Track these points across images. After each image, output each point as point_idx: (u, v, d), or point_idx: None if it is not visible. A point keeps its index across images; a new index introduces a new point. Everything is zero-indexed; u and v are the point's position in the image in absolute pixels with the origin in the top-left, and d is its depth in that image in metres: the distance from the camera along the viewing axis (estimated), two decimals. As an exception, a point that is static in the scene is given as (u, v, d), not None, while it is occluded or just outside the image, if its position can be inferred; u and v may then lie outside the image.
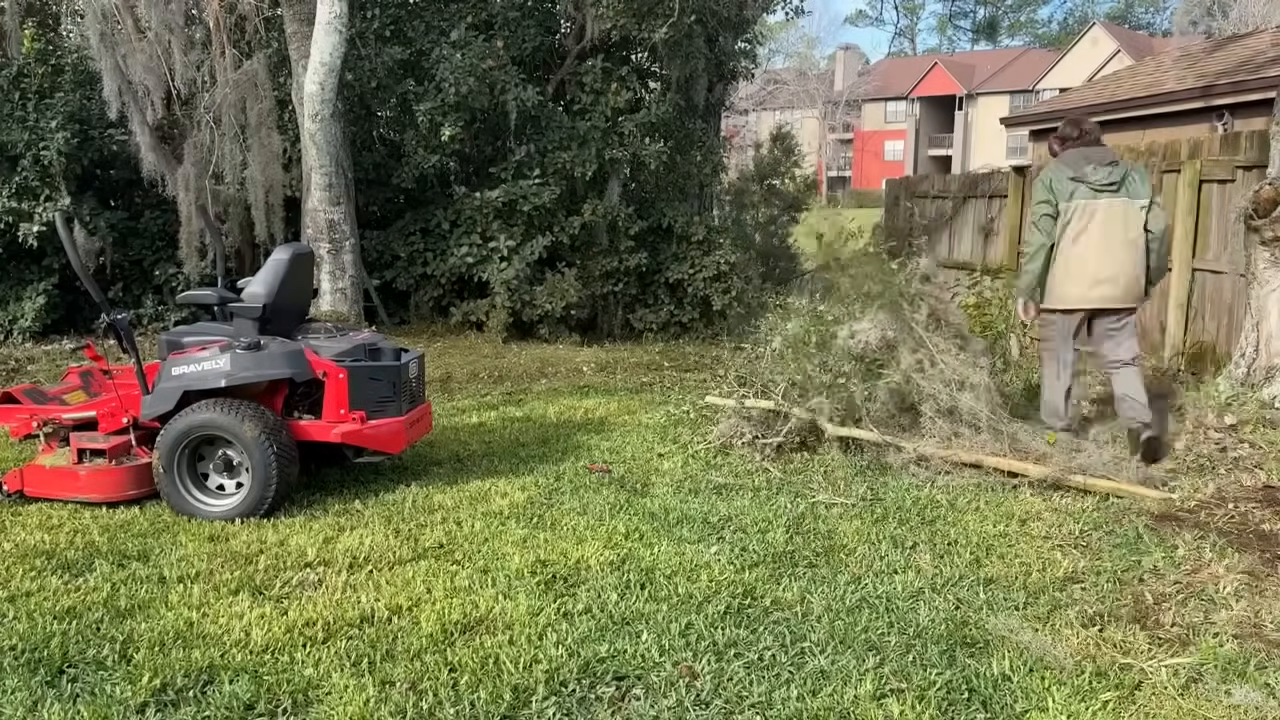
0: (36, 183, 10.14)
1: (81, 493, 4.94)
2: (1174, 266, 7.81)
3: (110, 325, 4.95)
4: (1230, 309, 7.30)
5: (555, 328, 11.22)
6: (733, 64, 13.25)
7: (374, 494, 5.23)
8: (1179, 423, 6.01)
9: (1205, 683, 3.24)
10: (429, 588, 3.94)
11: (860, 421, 5.98)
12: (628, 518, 4.83)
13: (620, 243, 11.50)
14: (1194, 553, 4.33)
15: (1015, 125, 17.93)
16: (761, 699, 3.12)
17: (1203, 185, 7.59)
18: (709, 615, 3.70)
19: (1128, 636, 3.56)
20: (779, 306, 7.08)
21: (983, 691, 3.17)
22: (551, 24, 12.23)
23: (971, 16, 77.90)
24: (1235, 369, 6.52)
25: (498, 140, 11.72)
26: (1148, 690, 3.20)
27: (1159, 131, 11.75)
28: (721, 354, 10.33)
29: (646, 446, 6.29)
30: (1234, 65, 12.40)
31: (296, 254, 5.37)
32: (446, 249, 11.28)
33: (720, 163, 13.49)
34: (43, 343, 10.25)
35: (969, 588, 3.99)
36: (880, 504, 5.10)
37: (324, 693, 3.14)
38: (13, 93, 10.26)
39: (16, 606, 3.74)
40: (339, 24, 9.56)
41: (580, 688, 3.19)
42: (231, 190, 10.60)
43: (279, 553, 4.31)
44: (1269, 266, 6.36)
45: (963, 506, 5.03)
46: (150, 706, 3.05)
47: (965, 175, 11.54)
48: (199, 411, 4.80)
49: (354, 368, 5.04)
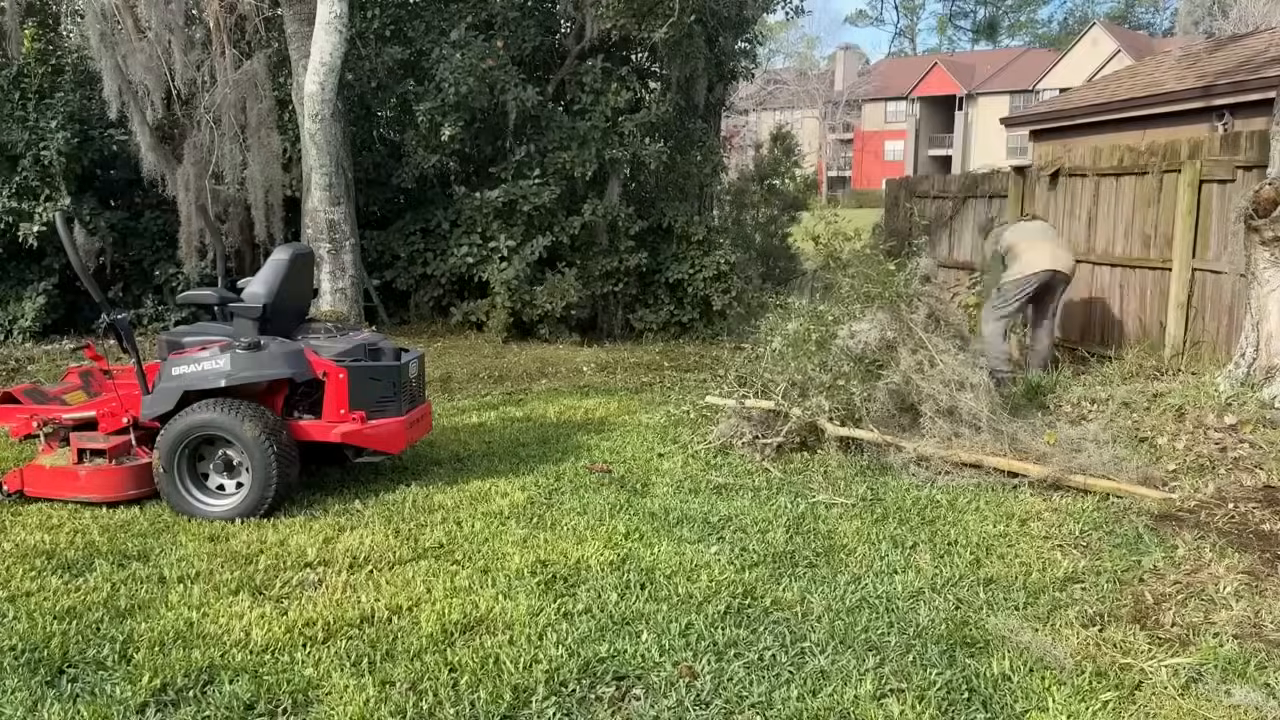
0: (36, 183, 10.14)
1: (81, 493, 4.94)
2: (1174, 266, 7.82)
3: (110, 325, 4.94)
4: (1230, 309, 7.30)
5: (555, 328, 11.22)
6: (733, 64, 13.25)
7: (374, 494, 5.23)
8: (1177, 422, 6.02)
9: (1205, 683, 3.24)
10: (429, 588, 3.94)
11: (860, 421, 5.98)
12: (628, 518, 4.83)
13: (620, 243, 11.50)
14: (1194, 553, 4.33)
15: (1015, 125, 17.90)
16: (761, 699, 3.12)
17: (1203, 185, 7.58)
18: (709, 615, 3.70)
19: (1128, 636, 3.56)
20: (779, 306, 7.08)
21: (983, 691, 3.17)
22: (551, 24, 12.23)
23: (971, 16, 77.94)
24: (1235, 369, 6.52)
25: (498, 140, 11.72)
26: (1148, 690, 3.20)
27: (1159, 131, 11.75)
28: (721, 354, 10.35)
29: (646, 446, 6.29)
30: (1234, 65, 12.39)
31: (296, 254, 5.37)
32: (446, 249, 11.28)
33: (720, 163, 13.49)
34: (43, 343, 10.25)
35: (969, 588, 3.99)
36: (880, 504, 5.10)
37: (324, 693, 3.14)
38: (13, 93, 10.26)
39: (16, 606, 3.74)
40: (339, 24, 9.55)
41: (580, 688, 3.19)
42: (231, 190, 10.60)
43: (279, 553, 4.31)
44: (1269, 266, 6.36)
45: (963, 506, 5.03)
46: (150, 706, 3.05)
47: (965, 175, 11.53)
48: (199, 411, 4.80)
49: (354, 368, 5.03)
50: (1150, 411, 6.42)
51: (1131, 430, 6.16)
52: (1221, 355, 7.17)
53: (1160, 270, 8.02)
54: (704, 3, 11.34)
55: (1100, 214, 8.75)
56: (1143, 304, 8.27)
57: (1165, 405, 6.41)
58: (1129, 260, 8.38)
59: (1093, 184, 8.85)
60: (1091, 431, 6.05)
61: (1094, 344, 8.79)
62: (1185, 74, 12.98)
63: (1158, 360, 7.72)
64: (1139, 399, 6.65)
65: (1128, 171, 8.40)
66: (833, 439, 5.95)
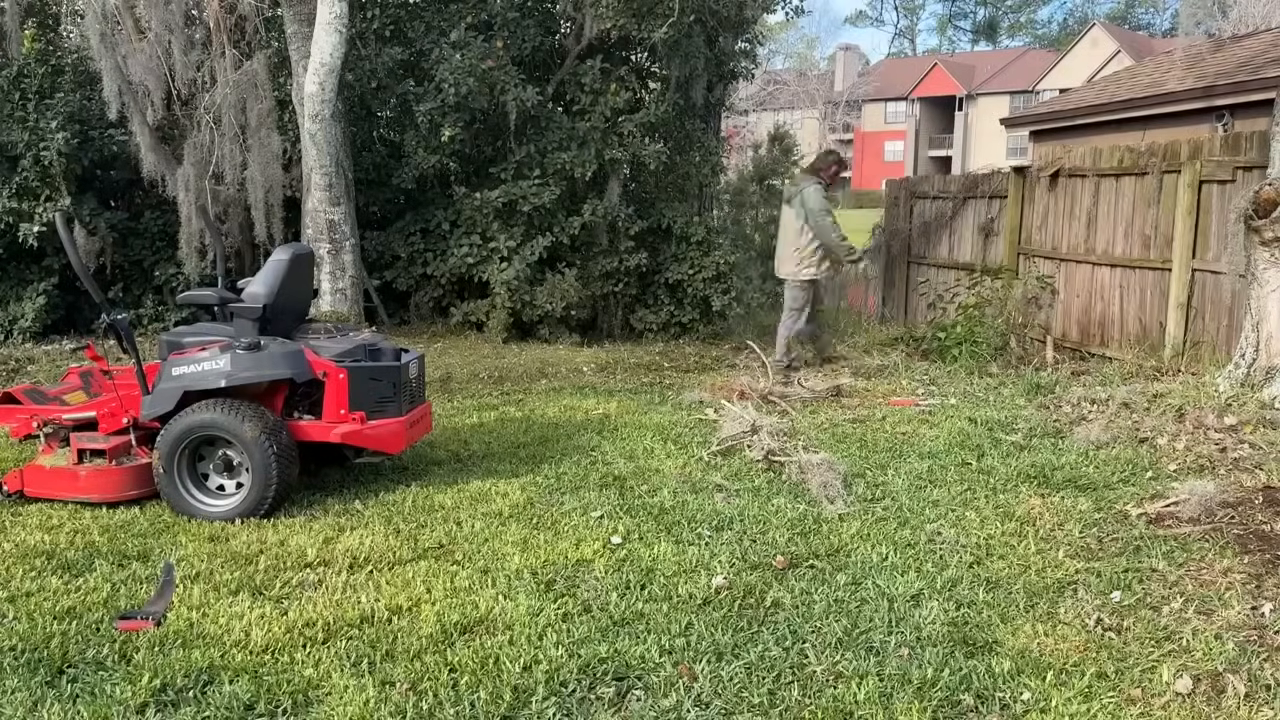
0: (36, 183, 10.13)
1: (81, 493, 4.93)
2: (1174, 267, 7.82)
3: (110, 325, 4.94)
4: (1230, 309, 7.30)
5: (555, 328, 11.22)
6: (733, 64, 13.23)
7: (374, 494, 5.23)
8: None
9: (1205, 683, 3.23)
10: (429, 588, 3.94)
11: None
12: (628, 518, 4.83)
13: (620, 243, 11.49)
14: (1194, 553, 4.33)
15: (1015, 126, 17.93)
16: (762, 699, 3.12)
17: (1203, 186, 7.59)
18: (709, 615, 3.70)
19: (1128, 637, 3.56)
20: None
21: (983, 692, 3.17)
22: (551, 24, 12.22)
23: (971, 17, 77.97)
24: (1235, 369, 6.52)
25: (498, 140, 11.71)
26: (1148, 691, 3.20)
27: (1159, 132, 11.75)
28: (722, 354, 10.35)
29: (647, 447, 6.29)
30: (1234, 66, 12.39)
31: (296, 254, 5.36)
32: (446, 249, 11.28)
33: (720, 163, 13.47)
34: (43, 343, 10.24)
35: (969, 588, 3.99)
36: (880, 504, 5.10)
37: (324, 693, 3.14)
38: (13, 93, 10.25)
39: (16, 606, 3.74)
40: (339, 24, 9.55)
41: (580, 688, 3.19)
42: (231, 190, 10.59)
43: (279, 553, 4.31)
44: (1269, 266, 6.37)
45: (962, 506, 5.03)
46: (150, 706, 3.05)
47: (965, 175, 11.53)
48: (199, 412, 4.80)
49: (354, 368, 5.03)
50: (1150, 412, 6.43)
51: (1131, 431, 6.17)
52: (1221, 355, 7.17)
53: (1160, 270, 8.02)
54: (704, 3, 11.33)
55: (1100, 214, 8.75)
56: (1143, 304, 8.28)
57: (1165, 406, 6.41)
58: (1129, 261, 8.38)
59: (1093, 184, 8.85)
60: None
61: (1094, 344, 8.79)
62: (1185, 75, 12.98)
63: (1158, 361, 7.73)
64: (1139, 399, 6.65)
65: (1128, 172, 8.40)
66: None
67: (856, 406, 7.49)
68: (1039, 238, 9.61)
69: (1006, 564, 4.25)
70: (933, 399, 7.59)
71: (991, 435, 6.36)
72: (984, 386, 7.94)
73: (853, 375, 8.66)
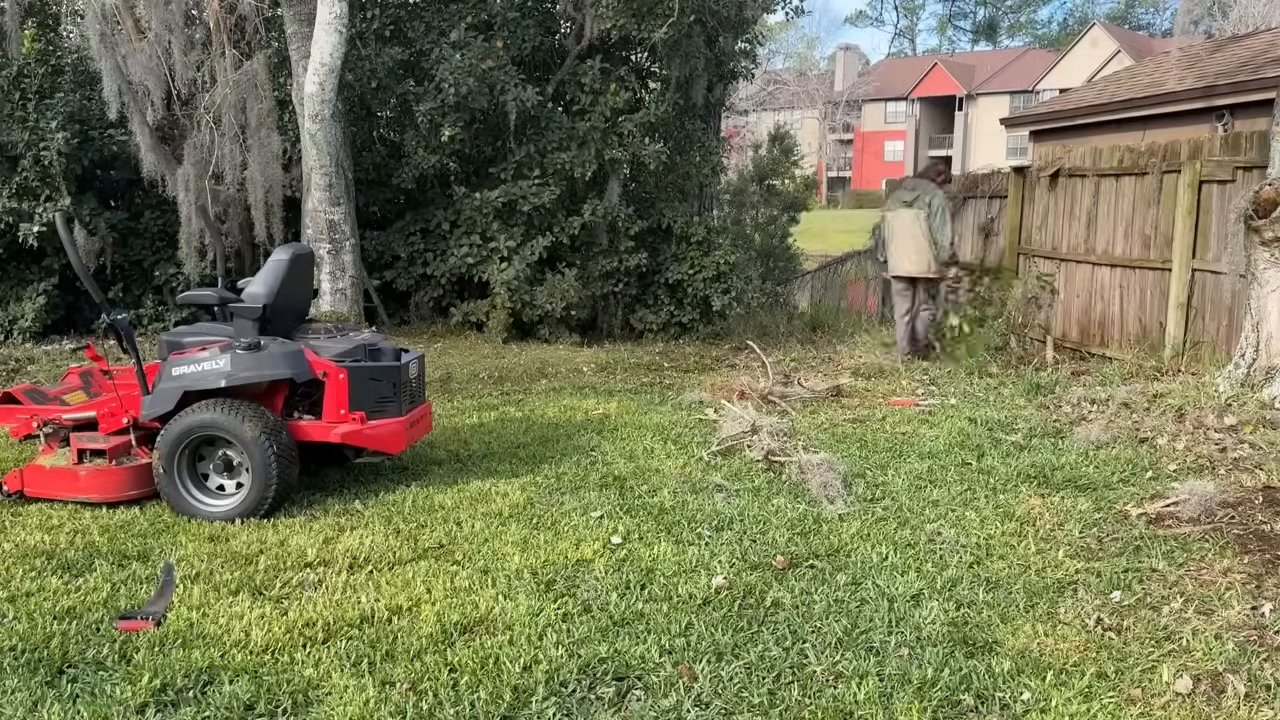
0: (36, 183, 10.14)
1: (81, 493, 4.93)
2: (1174, 267, 7.82)
3: (110, 325, 4.94)
4: (1230, 309, 7.30)
5: (555, 328, 11.22)
6: (733, 64, 13.23)
7: (374, 494, 5.23)
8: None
9: (1205, 683, 3.23)
10: (429, 588, 3.94)
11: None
12: (628, 518, 4.83)
13: (620, 243, 11.49)
14: (1194, 553, 4.33)
15: (1015, 126, 17.91)
16: (762, 699, 3.12)
17: (1203, 186, 7.59)
18: (709, 615, 3.70)
19: (1128, 637, 3.56)
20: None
21: (983, 692, 3.17)
22: (551, 24, 12.23)
23: (971, 17, 77.94)
24: (1235, 369, 6.52)
25: (497, 140, 11.72)
26: (1148, 691, 3.20)
27: (1159, 132, 11.75)
28: (722, 354, 10.35)
29: (647, 447, 6.29)
30: (1234, 66, 12.39)
31: (296, 254, 5.36)
32: (446, 249, 11.28)
33: (720, 163, 13.47)
34: (43, 343, 10.25)
35: (969, 588, 3.98)
36: (880, 504, 5.10)
37: (324, 693, 3.14)
38: (13, 93, 10.26)
39: (16, 606, 3.74)
40: (339, 24, 9.55)
41: (580, 688, 3.19)
42: (231, 190, 10.59)
43: (279, 553, 4.31)
44: (1269, 266, 6.37)
45: (962, 506, 5.03)
46: (150, 707, 3.05)
47: (965, 175, 11.53)
48: (199, 412, 4.80)
49: (354, 368, 5.03)
50: (1150, 412, 6.43)
51: (1131, 431, 6.17)
52: (1221, 355, 7.17)
53: (1160, 270, 8.02)
54: (704, 3, 11.33)
55: (1100, 214, 8.75)
56: (1143, 304, 8.28)
57: (1165, 406, 6.41)
58: (1129, 261, 8.38)
59: (1093, 184, 8.85)
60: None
61: (1094, 344, 8.79)
62: (1185, 75, 12.98)
63: (1158, 361, 7.73)
64: (1139, 399, 6.65)
65: (1128, 172, 8.40)
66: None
67: (856, 406, 7.50)
68: (1039, 238, 9.61)
69: (1006, 564, 4.25)
70: (933, 399, 7.59)
71: (991, 435, 6.36)
72: (984, 386, 7.94)
73: (853, 375, 8.66)
